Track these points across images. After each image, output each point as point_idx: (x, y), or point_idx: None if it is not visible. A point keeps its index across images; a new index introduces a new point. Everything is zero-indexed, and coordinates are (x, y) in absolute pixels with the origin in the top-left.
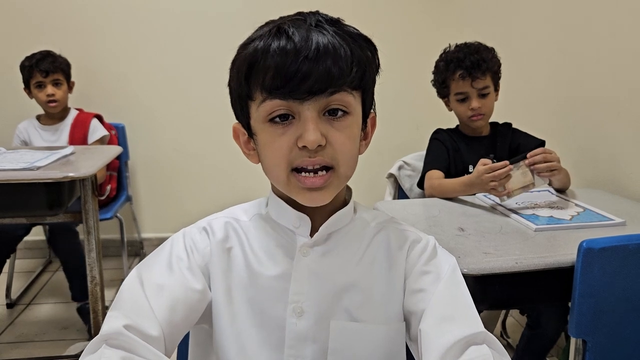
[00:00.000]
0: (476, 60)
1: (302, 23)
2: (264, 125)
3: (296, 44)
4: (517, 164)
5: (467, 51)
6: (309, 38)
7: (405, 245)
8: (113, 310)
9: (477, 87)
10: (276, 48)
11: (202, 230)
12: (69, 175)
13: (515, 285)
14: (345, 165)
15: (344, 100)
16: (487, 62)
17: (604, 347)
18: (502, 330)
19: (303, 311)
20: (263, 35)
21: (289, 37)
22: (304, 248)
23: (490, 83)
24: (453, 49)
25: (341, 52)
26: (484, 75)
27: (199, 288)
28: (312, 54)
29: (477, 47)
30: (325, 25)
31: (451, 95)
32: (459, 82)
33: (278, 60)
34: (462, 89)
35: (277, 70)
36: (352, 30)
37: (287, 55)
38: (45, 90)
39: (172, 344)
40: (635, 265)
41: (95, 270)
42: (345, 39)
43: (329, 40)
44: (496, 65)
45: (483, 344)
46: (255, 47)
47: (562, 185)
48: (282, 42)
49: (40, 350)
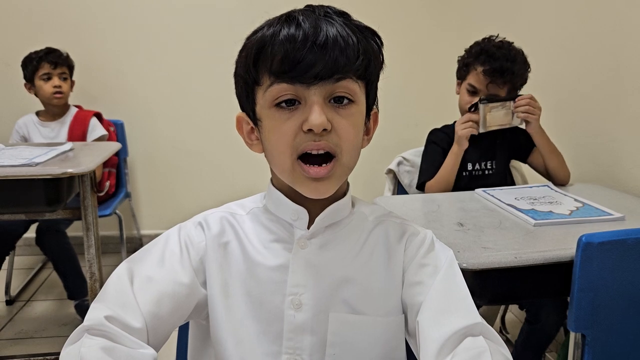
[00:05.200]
0: (506, 69)
1: (311, 13)
2: (269, 110)
3: (305, 31)
4: (503, 104)
5: (506, 54)
6: (318, 26)
7: (403, 239)
8: (97, 301)
9: (490, 90)
10: (286, 34)
11: (197, 225)
12: (67, 172)
13: (514, 280)
14: (348, 155)
15: (349, 88)
16: (515, 76)
17: (603, 342)
18: (502, 326)
19: (301, 303)
20: (272, 23)
21: (299, 24)
22: (302, 240)
23: (503, 94)
24: (497, 42)
25: (349, 41)
26: (503, 85)
27: (187, 282)
28: (321, 41)
29: (514, 56)
30: (334, 16)
31: (465, 81)
32: (478, 76)
33: (287, 45)
34: (476, 83)
35: (285, 55)
36: (359, 22)
37: (296, 41)
38: (52, 82)
39: (156, 337)
40: (634, 260)
41: (94, 267)
42: (352, 30)
43: (337, 30)
44: (518, 82)
45: (479, 335)
46: (264, 33)
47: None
48: (292, 29)
49: (39, 347)
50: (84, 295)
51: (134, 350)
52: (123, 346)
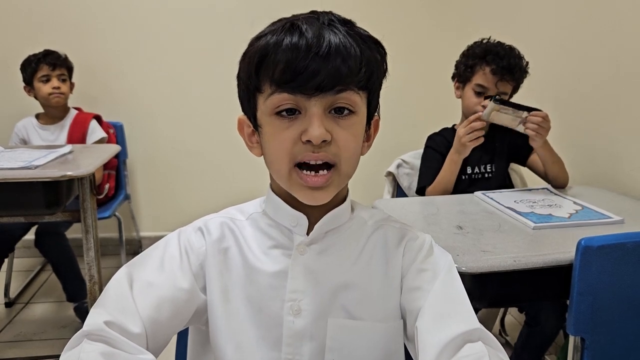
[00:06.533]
0: (514, 65)
1: (315, 21)
2: (270, 118)
3: (308, 41)
4: (517, 111)
5: (509, 52)
6: (321, 36)
7: (402, 244)
8: (96, 307)
9: (499, 88)
10: (288, 43)
11: (197, 230)
12: (67, 174)
13: (513, 283)
14: (347, 164)
15: (350, 99)
16: (521, 73)
17: (602, 345)
18: (501, 329)
19: (300, 309)
20: (276, 30)
21: (302, 33)
22: (301, 246)
23: (509, 91)
24: (495, 42)
25: (351, 51)
26: (511, 81)
27: (186, 288)
28: (323, 51)
29: (518, 54)
30: (337, 25)
31: (471, 83)
32: (487, 76)
33: (289, 55)
34: (485, 82)
35: (287, 65)
36: (363, 32)
37: (299, 51)
38: (50, 83)
39: (156, 343)
40: (633, 263)
41: (93, 269)
42: (356, 40)
43: (340, 40)
44: (522, 79)
45: (478, 341)
46: (267, 40)
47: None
48: (295, 38)
49: (38, 349)
50: (83, 298)
51: (133, 356)
52: (122, 351)
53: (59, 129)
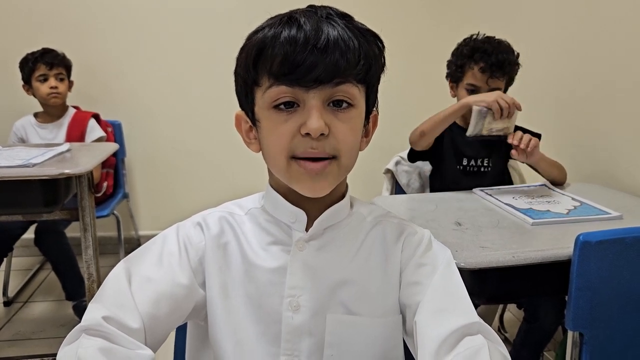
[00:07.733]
0: (502, 60)
1: (313, 14)
2: (268, 111)
3: (306, 33)
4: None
5: (497, 47)
6: (319, 29)
7: (400, 239)
8: (94, 302)
9: (491, 85)
10: (287, 36)
11: (196, 225)
12: (65, 172)
13: (512, 279)
14: (346, 157)
15: (349, 92)
16: (511, 65)
17: (601, 340)
18: (500, 325)
19: (299, 305)
20: (274, 24)
21: (300, 26)
22: (300, 242)
23: (502, 86)
24: (482, 38)
25: (350, 44)
26: (502, 77)
27: (185, 283)
28: (322, 44)
29: (506, 47)
30: (336, 18)
31: (462, 82)
32: (476, 74)
33: (287, 48)
34: (476, 81)
35: (285, 57)
36: (361, 25)
37: (297, 43)
38: (48, 83)
39: (154, 338)
40: (631, 259)
41: (92, 268)
42: (354, 33)
43: (338, 33)
44: (514, 72)
45: (478, 334)
46: (265, 34)
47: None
48: (293, 31)
49: (37, 348)
50: (82, 296)
51: (132, 351)
52: (120, 347)
53: (58, 128)
